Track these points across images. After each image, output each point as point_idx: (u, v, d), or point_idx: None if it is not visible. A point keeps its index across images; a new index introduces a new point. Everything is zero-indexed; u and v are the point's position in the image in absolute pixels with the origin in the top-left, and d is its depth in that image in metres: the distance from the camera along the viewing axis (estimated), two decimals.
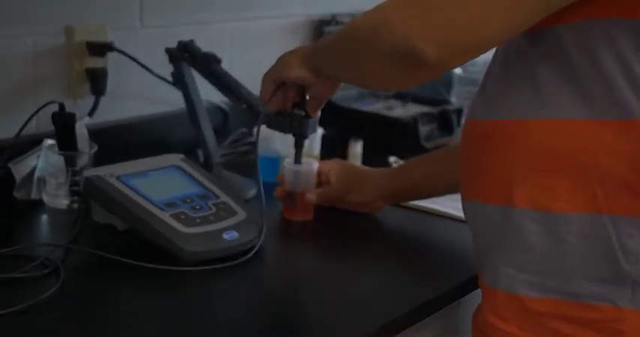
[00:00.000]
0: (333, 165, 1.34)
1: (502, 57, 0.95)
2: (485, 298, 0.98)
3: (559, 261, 0.90)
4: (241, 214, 1.19)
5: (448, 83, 2.11)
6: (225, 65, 1.42)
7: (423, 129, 1.74)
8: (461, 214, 1.35)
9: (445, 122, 1.80)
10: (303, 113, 1.27)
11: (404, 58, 0.86)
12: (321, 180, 1.34)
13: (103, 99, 1.43)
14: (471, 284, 1.15)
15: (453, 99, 2.07)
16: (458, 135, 1.74)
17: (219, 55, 1.41)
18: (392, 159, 1.62)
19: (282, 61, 1.14)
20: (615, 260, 0.88)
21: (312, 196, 1.30)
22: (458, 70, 2.09)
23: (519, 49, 0.92)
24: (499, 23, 0.85)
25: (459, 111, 1.84)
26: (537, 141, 0.90)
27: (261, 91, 1.18)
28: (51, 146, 1.30)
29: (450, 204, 1.35)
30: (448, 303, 1.12)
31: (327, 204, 1.32)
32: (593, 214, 0.88)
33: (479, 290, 1.16)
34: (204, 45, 1.43)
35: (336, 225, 1.31)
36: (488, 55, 0.96)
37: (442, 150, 1.33)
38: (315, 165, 1.31)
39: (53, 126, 1.29)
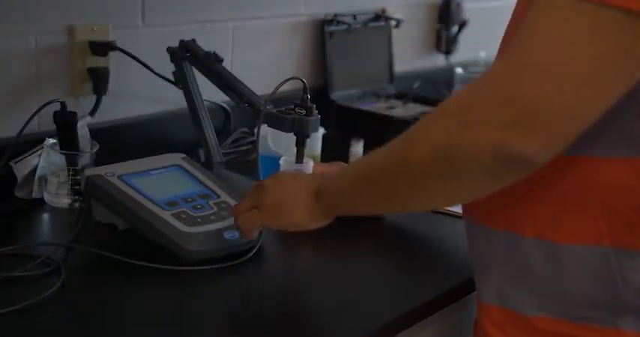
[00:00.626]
0: (334, 168, 1.33)
1: None
2: (487, 314, 0.98)
3: (561, 287, 0.92)
4: None
5: (449, 82, 2.12)
6: (226, 64, 1.42)
7: None
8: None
9: None
10: (304, 112, 1.28)
11: (507, 164, 0.79)
12: None
13: (105, 99, 1.43)
14: (472, 284, 1.15)
15: None
16: None
17: (220, 54, 1.41)
18: None
19: (285, 220, 1.02)
20: (617, 290, 0.89)
21: None
22: (459, 70, 2.09)
23: None
24: (592, 111, 0.79)
25: None
26: (550, 174, 0.89)
27: (245, 225, 1.07)
28: (52, 145, 1.30)
29: None
30: (449, 303, 1.12)
31: None
32: (597, 246, 0.89)
33: None
34: (205, 44, 1.43)
35: (336, 224, 1.30)
36: (491, 54, 0.96)
37: None
38: (311, 164, 1.32)
39: (55, 125, 1.29)
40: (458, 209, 1.35)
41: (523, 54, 0.79)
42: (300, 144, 1.29)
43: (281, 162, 1.32)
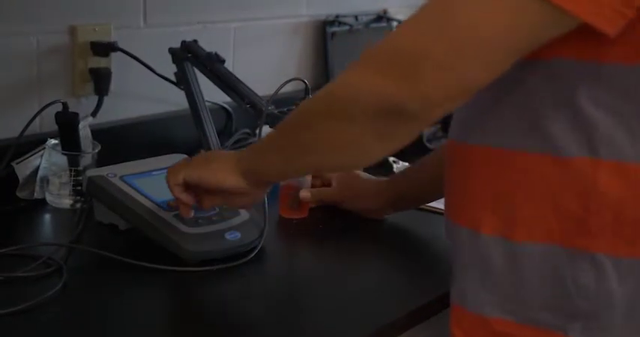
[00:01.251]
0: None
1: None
2: (453, 314, 0.98)
3: (519, 288, 0.92)
4: (244, 215, 1.19)
5: None
6: (228, 65, 1.42)
7: (426, 130, 1.74)
8: None
9: (448, 123, 1.80)
10: None
11: (385, 116, 0.82)
12: (323, 183, 1.34)
13: (107, 99, 1.43)
14: None
15: None
16: None
17: (222, 55, 1.41)
18: (391, 158, 1.61)
19: (208, 167, 1.02)
20: (568, 293, 0.89)
21: (306, 194, 1.30)
22: None
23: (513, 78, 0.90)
24: (475, 72, 0.81)
25: None
26: (504, 170, 0.91)
27: (176, 194, 1.06)
28: (54, 145, 1.30)
29: None
30: (448, 305, 1.12)
31: (319, 204, 1.32)
32: (549, 245, 0.89)
33: None
34: (207, 45, 1.43)
35: (338, 225, 1.31)
36: None
37: (439, 153, 1.31)
38: None
39: (56, 126, 1.29)
40: None
41: (423, 10, 0.83)
42: None
43: None
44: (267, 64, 1.74)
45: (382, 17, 1.95)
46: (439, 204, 1.35)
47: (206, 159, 1.05)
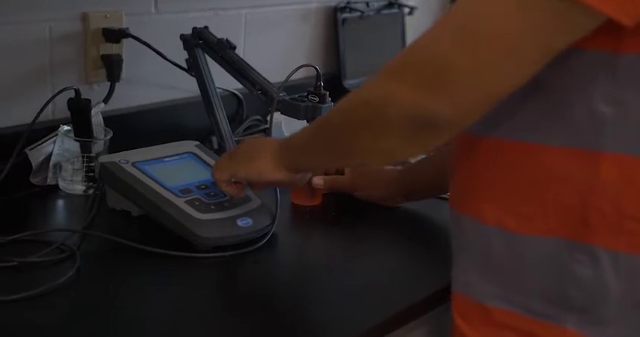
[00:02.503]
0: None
1: None
2: (455, 302, 0.99)
3: (518, 278, 0.92)
4: (255, 201, 1.20)
5: None
6: (239, 52, 1.42)
7: None
8: None
9: None
10: (317, 99, 1.28)
11: (419, 126, 0.84)
12: (336, 171, 1.34)
13: (118, 86, 1.44)
14: None
15: None
16: None
17: (233, 41, 1.41)
18: None
19: (252, 165, 1.08)
20: (565, 285, 0.89)
21: (318, 181, 1.30)
22: None
23: None
24: (504, 78, 0.82)
25: None
26: (509, 161, 0.91)
27: (224, 189, 1.13)
28: (67, 132, 1.30)
29: None
30: None
31: (331, 191, 1.32)
32: (549, 237, 0.89)
33: None
34: (218, 31, 1.43)
35: (350, 212, 1.31)
36: None
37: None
38: None
39: (69, 112, 1.30)
40: None
41: (447, 19, 0.85)
42: None
43: None
44: (278, 50, 1.74)
45: (393, 3, 1.95)
46: None
47: (248, 156, 1.09)
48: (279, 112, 1.32)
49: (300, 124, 1.31)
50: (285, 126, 1.44)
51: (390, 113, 0.85)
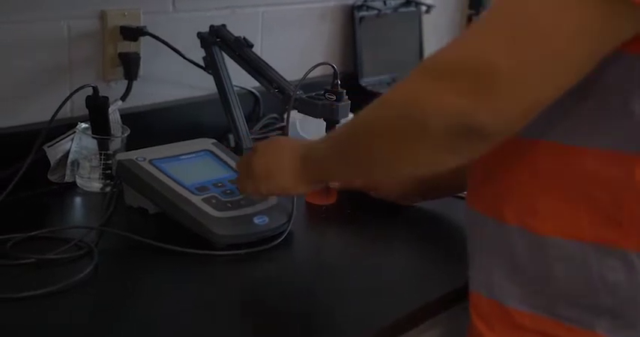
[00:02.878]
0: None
1: None
2: (474, 303, 0.98)
3: (545, 282, 0.91)
4: (271, 199, 1.20)
5: None
6: (256, 50, 1.42)
7: None
8: None
9: None
10: (334, 98, 1.28)
11: (461, 135, 0.78)
12: None
13: (136, 84, 1.44)
14: None
15: None
16: None
17: (250, 39, 1.41)
18: None
19: (274, 182, 1.03)
20: (595, 290, 0.88)
21: None
22: None
23: None
24: (551, 83, 0.78)
25: None
26: (536, 161, 0.90)
27: (243, 192, 1.12)
28: (84, 129, 1.31)
29: None
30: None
31: (348, 189, 1.32)
32: (577, 241, 0.88)
33: None
34: (235, 29, 1.43)
35: (365, 211, 1.31)
36: None
37: None
38: None
39: (87, 110, 1.30)
40: None
41: (490, 20, 0.79)
42: (330, 130, 1.29)
43: None
44: (295, 48, 1.74)
45: (411, 2, 1.94)
46: None
47: (268, 172, 1.03)
48: (296, 110, 1.32)
49: (317, 122, 1.31)
50: (301, 125, 1.44)
51: (428, 121, 0.78)
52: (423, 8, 1.97)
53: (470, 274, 1.00)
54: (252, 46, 1.40)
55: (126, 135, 1.33)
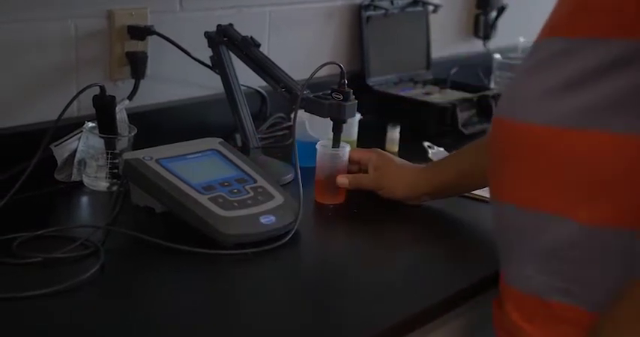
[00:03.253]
0: (373, 155, 1.33)
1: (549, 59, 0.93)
2: (510, 299, 0.98)
3: (585, 271, 0.90)
4: (278, 198, 1.19)
5: (487, 68, 2.10)
6: (263, 49, 1.42)
7: (462, 115, 1.73)
8: None
9: (484, 108, 1.79)
10: (341, 97, 1.28)
11: None
12: (360, 169, 1.33)
13: (143, 83, 1.44)
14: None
15: (492, 84, 2.05)
16: None
17: (257, 38, 1.41)
18: (426, 143, 1.61)
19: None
20: (633, 276, 0.87)
21: (344, 180, 1.30)
22: (497, 55, 2.07)
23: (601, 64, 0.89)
24: None
25: (498, 97, 1.82)
26: (573, 151, 0.89)
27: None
28: (91, 129, 1.31)
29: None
30: (481, 292, 1.11)
31: (356, 189, 1.32)
32: (617, 229, 0.88)
33: None
34: (242, 29, 1.43)
35: (374, 210, 1.31)
36: (530, 40, 0.95)
37: (479, 142, 1.27)
38: (348, 149, 1.32)
39: (94, 109, 1.30)
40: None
41: None
42: (337, 130, 1.29)
43: (318, 147, 1.32)
44: (302, 48, 1.73)
45: (418, 1, 1.94)
46: (478, 191, 1.34)
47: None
48: (303, 110, 1.31)
49: (324, 122, 1.31)
50: (309, 124, 1.44)
51: None
52: (430, 8, 1.97)
53: (503, 268, 0.99)
54: (259, 45, 1.40)
55: (133, 134, 1.32)
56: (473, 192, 1.34)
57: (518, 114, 0.96)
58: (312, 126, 1.44)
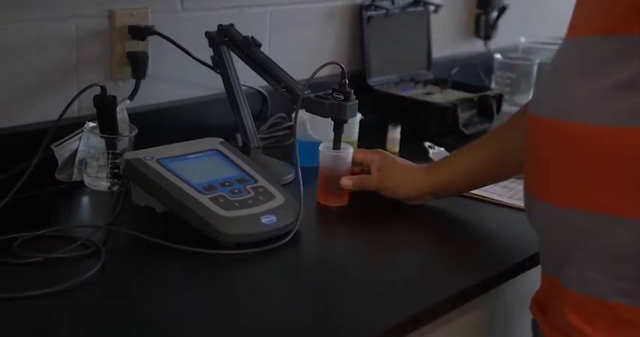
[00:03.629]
0: (376, 156, 1.32)
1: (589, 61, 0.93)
2: (568, 301, 0.95)
3: None
4: (279, 198, 1.19)
5: (488, 68, 2.10)
6: (264, 49, 1.42)
7: (463, 115, 1.73)
8: (503, 199, 1.34)
9: (485, 108, 1.79)
10: (342, 97, 1.27)
11: None
12: (362, 170, 1.33)
13: (144, 83, 1.44)
14: (511, 272, 1.14)
15: (493, 84, 2.05)
16: (496, 122, 1.73)
17: (258, 38, 1.41)
18: (427, 143, 1.61)
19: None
20: None
21: (347, 182, 1.29)
22: (498, 55, 2.07)
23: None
24: None
25: (498, 98, 1.82)
26: (632, 150, 0.88)
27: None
28: (92, 128, 1.31)
29: (490, 189, 1.35)
30: (485, 291, 1.11)
31: (360, 191, 1.31)
32: None
33: (517, 278, 1.15)
34: (243, 29, 1.43)
35: (374, 211, 1.31)
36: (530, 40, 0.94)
37: (480, 142, 1.28)
38: (351, 150, 1.31)
39: (95, 109, 1.30)
40: (499, 196, 1.35)
41: None
42: (338, 130, 1.29)
43: (321, 149, 1.31)
44: (303, 48, 1.73)
45: (419, 1, 1.94)
46: (479, 191, 1.35)
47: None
48: (304, 110, 1.31)
49: (325, 122, 1.30)
50: (309, 124, 1.44)
51: None
52: (431, 8, 1.97)
53: (557, 272, 0.97)
54: (260, 45, 1.40)
55: (133, 134, 1.32)
56: (474, 191, 1.34)
57: (571, 115, 0.93)
58: (313, 127, 1.44)
